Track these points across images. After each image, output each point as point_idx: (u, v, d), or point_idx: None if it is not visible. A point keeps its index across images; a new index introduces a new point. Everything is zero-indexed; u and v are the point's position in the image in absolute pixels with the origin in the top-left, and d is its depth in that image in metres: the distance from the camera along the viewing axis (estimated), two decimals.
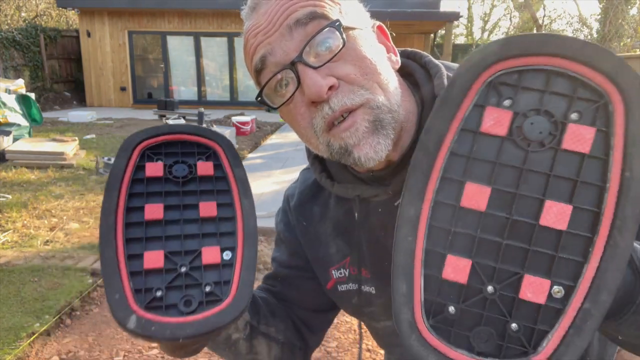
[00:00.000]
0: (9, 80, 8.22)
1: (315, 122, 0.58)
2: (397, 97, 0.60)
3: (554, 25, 22.91)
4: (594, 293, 0.41)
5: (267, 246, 3.82)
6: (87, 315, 2.88)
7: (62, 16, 18.98)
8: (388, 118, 0.58)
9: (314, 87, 0.54)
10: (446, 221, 0.45)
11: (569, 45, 0.42)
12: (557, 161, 0.43)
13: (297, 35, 0.55)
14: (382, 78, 0.58)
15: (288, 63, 0.55)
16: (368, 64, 0.57)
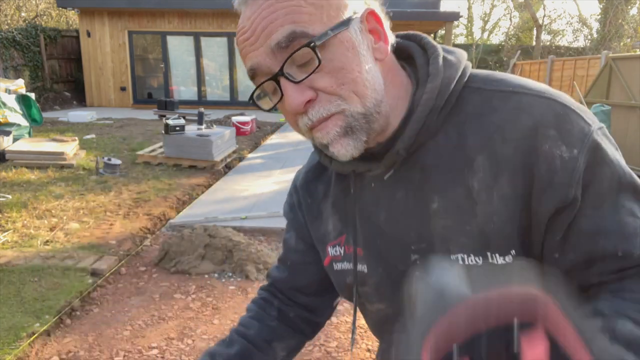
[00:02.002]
0: (9, 80, 8.22)
1: (300, 124, 0.65)
2: (377, 95, 0.63)
3: (554, 25, 22.91)
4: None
5: (267, 246, 3.83)
6: (87, 315, 2.88)
7: (62, 16, 18.98)
8: (361, 124, 0.63)
9: (292, 104, 0.60)
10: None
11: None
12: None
13: (279, 55, 0.60)
14: (358, 85, 0.61)
15: (272, 75, 0.61)
16: (345, 73, 0.60)
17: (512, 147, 0.61)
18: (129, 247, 3.80)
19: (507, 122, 0.62)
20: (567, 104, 0.63)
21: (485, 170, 0.63)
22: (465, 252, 0.65)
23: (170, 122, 6.32)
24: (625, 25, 17.98)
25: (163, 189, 5.32)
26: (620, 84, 7.15)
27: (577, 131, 0.60)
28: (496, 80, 0.67)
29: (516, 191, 0.61)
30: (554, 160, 0.60)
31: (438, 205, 0.66)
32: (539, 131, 0.60)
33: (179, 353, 2.52)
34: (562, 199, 0.60)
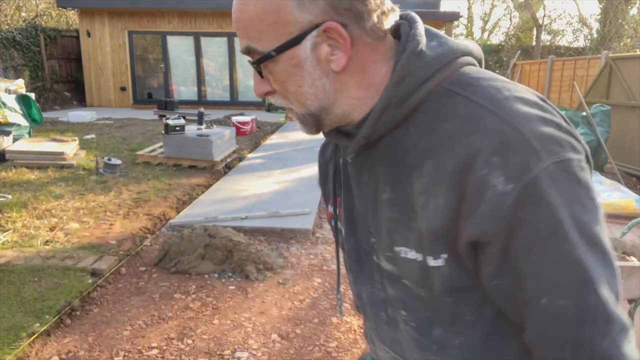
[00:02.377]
0: (9, 80, 8.23)
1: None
2: (322, 101, 0.69)
3: (554, 25, 22.91)
4: None
5: (267, 246, 3.83)
6: (87, 315, 2.88)
7: (62, 16, 18.98)
8: (309, 120, 0.71)
9: (255, 91, 0.73)
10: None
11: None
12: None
13: (246, 52, 0.70)
14: (299, 96, 0.69)
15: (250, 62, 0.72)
16: (287, 86, 0.69)
17: (454, 161, 0.60)
18: (129, 247, 3.80)
19: (459, 134, 0.60)
20: (523, 129, 0.58)
21: (429, 176, 0.63)
22: (408, 246, 0.67)
23: (170, 122, 6.32)
24: (625, 25, 17.97)
25: (163, 189, 5.32)
26: (620, 84, 7.14)
27: (522, 164, 0.56)
28: (475, 85, 0.64)
29: (448, 205, 0.61)
30: (487, 189, 0.57)
31: (389, 197, 0.69)
32: (483, 154, 0.58)
33: (179, 353, 2.52)
34: (482, 231, 0.59)
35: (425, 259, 0.65)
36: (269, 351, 2.55)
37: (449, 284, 0.66)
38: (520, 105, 0.60)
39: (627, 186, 5.96)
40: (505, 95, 0.62)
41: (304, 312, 2.95)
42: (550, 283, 0.57)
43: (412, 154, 0.65)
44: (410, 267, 0.68)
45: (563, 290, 0.57)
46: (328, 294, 3.18)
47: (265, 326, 2.79)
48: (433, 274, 0.66)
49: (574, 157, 0.59)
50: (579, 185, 0.58)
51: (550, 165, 0.57)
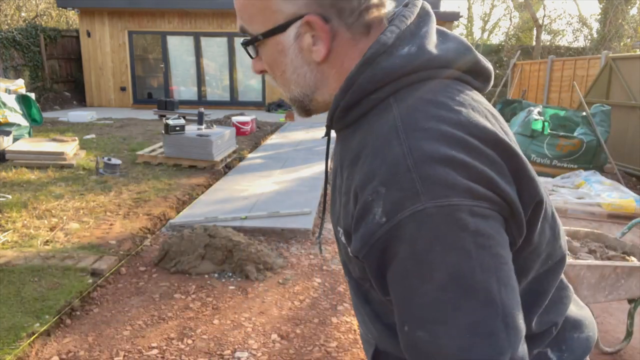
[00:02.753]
0: (9, 80, 8.22)
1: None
2: (304, 88, 0.73)
3: (554, 25, 22.90)
4: None
5: (267, 246, 3.83)
6: (87, 315, 2.88)
7: (62, 16, 18.97)
8: (294, 104, 0.77)
9: (253, 68, 0.77)
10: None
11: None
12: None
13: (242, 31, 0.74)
14: (281, 82, 0.75)
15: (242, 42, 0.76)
16: (273, 70, 0.74)
17: (358, 178, 0.64)
18: (129, 247, 3.80)
19: (371, 153, 0.63)
20: (416, 170, 0.57)
21: (344, 179, 0.70)
22: (344, 229, 0.70)
23: (170, 122, 6.32)
24: (625, 25, 17.97)
25: (163, 189, 5.32)
26: (620, 84, 7.14)
27: (399, 202, 0.57)
28: (410, 106, 0.63)
29: (347, 212, 0.67)
30: (369, 214, 0.60)
31: (339, 183, 0.74)
32: (375, 181, 0.59)
33: (179, 353, 2.52)
34: (355, 249, 0.63)
35: (342, 238, 0.72)
36: (269, 351, 2.55)
37: (360, 275, 0.72)
38: (431, 142, 0.58)
39: (627, 186, 5.96)
40: (425, 127, 0.60)
41: (304, 312, 2.95)
42: (410, 315, 0.58)
43: (346, 154, 0.70)
44: (342, 248, 0.75)
45: (420, 325, 0.57)
46: (328, 294, 3.18)
47: (265, 326, 2.79)
48: (344, 251, 0.74)
49: (466, 202, 0.56)
50: (464, 232, 0.55)
51: (429, 208, 0.55)
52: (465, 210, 0.56)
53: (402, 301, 0.59)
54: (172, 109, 11.36)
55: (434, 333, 0.56)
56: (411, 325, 0.58)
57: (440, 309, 0.55)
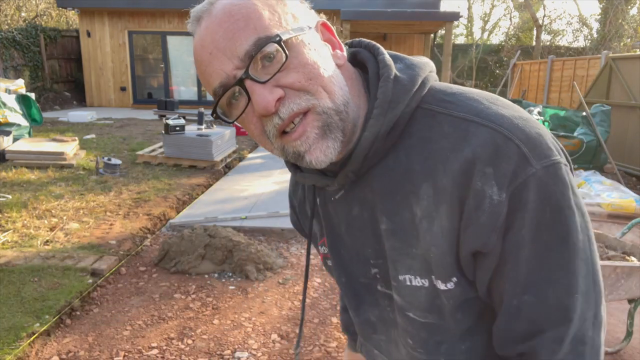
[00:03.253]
0: (9, 80, 8.22)
1: (268, 129, 0.61)
2: (345, 95, 0.63)
3: (554, 25, 22.90)
4: None
5: (267, 246, 3.83)
6: (87, 315, 2.88)
7: (62, 16, 18.98)
8: (336, 120, 0.61)
9: (262, 103, 0.58)
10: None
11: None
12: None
13: (244, 64, 0.59)
14: (325, 80, 0.60)
15: (236, 79, 0.59)
16: (310, 69, 0.60)
17: (451, 178, 0.60)
18: (129, 247, 3.80)
19: (451, 152, 0.60)
20: (512, 136, 0.58)
21: (429, 199, 0.62)
22: (412, 273, 0.66)
23: (170, 122, 6.32)
24: (625, 25, 17.97)
25: (163, 189, 5.32)
26: (620, 84, 7.14)
27: (512, 171, 0.56)
28: (451, 101, 0.63)
29: (452, 224, 0.61)
30: (484, 200, 0.57)
31: (386, 227, 0.66)
32: (476, 166, 0.58)
33: (179, 353, 2.52)
34: (483, 243, 0.59)
35: (434, 284, 0.65)
36: (269, 351, 2.55)
37: (459, 301, 0.65)
38: (504, 113, 0.60)
39: (627, 186, 5.96)
40: (486, 105, 0.61)
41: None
42: (531, 283, 0.58)
43: (407, 180, 0.64)
44: (416, 294, 0.67)
45: (542, 289, 0.58)
46: (328, 294, 3.18)
47: (265, 326, 2.79)
48: (443, 296, 0.65)
49: (562, 160, 0.58)
50: (568, 190, 0.57)
51: (539, 170, 0.56)
52: (563, 168, 0.58)
53: (515, 269, 0.59)
54: (172, 109, 11.36)
55: (542, 294, 0.58)
56: (521, 290, 0.59)
57: (551, 270, 0.57)
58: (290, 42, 0.59)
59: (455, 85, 0.68)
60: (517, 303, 0.59)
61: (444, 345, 0.71)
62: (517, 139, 0.58)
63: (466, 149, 0.59)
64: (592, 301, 0.59)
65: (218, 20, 0.59)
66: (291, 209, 0.93)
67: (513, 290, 0.60)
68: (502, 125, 0.59)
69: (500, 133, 0.58)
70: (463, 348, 0.70)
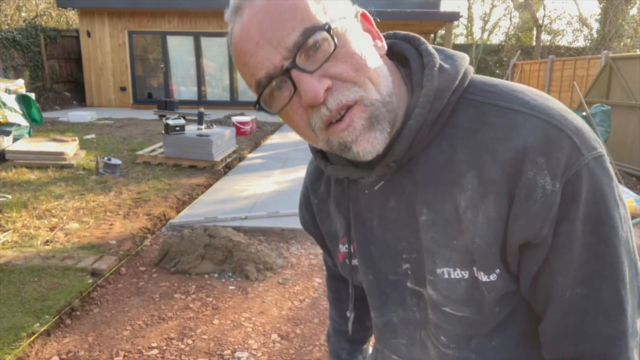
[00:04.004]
0: (9, 80, 8.22)
1: (313, 121, 0.60)
2: (389, 85, 0.62)
3: (554, 25, 22.90)
4: None
5: (267, 246, 3.83)
6: (87, 315, 2.88)
7: (62, 16, 18.98)
8: (383, 112, 0.60)
9: (311, 92, 0.57)
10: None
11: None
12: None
13: (290, 54, 0.58)
14: (372, 72, 0.60)
15: (283, 69, 0.58)
16: (358, 59, 0.59)
17: (500, 168, 0.59)
18: (129, 247, 3.80)
19: (498, 141, 0.59)
20: (563, 127, 0.58)
21: (473, 189, 0.61)
22: (452, 266, 0.65)
23: (170, 122, 6.32)
24: (625, 25, 17.97)
25: (163, 189, 5.32)
26: (620, 84, 7.14)
27: (565, 161, 0.56)
28: (494, 92, 0.63)
29: (500, 214, 0.60)
30: (536, 189, 0.57)
31: (427, 218, 0.65)
32: (528, 156, 0.57)
33: (179, 353, 2.52)
34: (534, 233, 0.58)
35: (475, 275, 0.64)
36: (269, 351, 2.55)
37: (500, 294, 0.65)
38: (551, 105, 0.60)
39: (627, 186, 5.96)
40: (532, 97, 0.61)
41: (304, 312, 2.95)
42: (584, 275, 0.58)
43: (450, 170, 0.63)
44: (454, 287, 0.66)
45: (596, 282, 0.58)
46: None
47: (265, 326, 2.79)
48: (484, 288, 0.64)
49: (605, 153, 0.59)
50: (613, 182, 0.58)
51: (590, 160, 0.57)
52: (607, 160, 0.59)
53: (568, 262, 0.59)
54: (172, 109, 11.37)
55: (596, 287, 0.58)
56: (573, 284, 0.59)
57: (604, 262, 0.57)
58: (336, 31, 0.58)
59: (494, 78, 0.68)
60: (569, 295, 0.59)
61: (475, 341, 0.70)
62: (568, 130, 0.58)
63: (515, 138, 0.58)
64: (637, 291, 0.60)
65: (264, 9, 0.58)
66: (304, 210, 0.90)
67: (564, 283, 0.59)
68: (552, 116, 0.59)
69: (551, 123, 0.58)
70: (493, 344, 0.70)
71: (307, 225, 0.91)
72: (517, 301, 0.67)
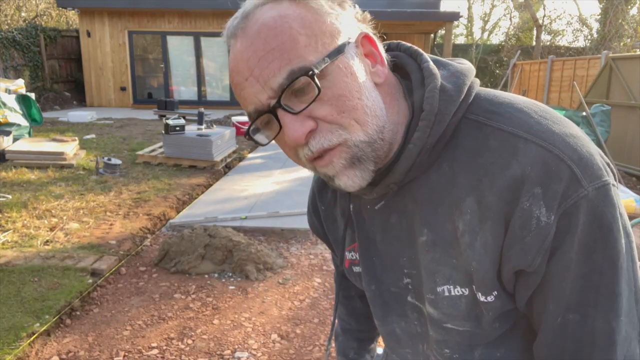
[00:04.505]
0: (9, 80, 8.22)
1: (300, 154, 0.62)
2: (380, 120, 0.61)
3: (554, 25, 22.91)
4: None
5: (267, 246, 3.83)
6: (87, 315, 2.88)
7: (62, 16, 18.98)
8: (367, 152, 0.60)
9: (292, 135, 0.58)
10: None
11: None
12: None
13: (278, 90, 0.58)
14: (359, 112, 0.59)
15: (269, 107, 0.59)
16: (344, 101, 0.58)
17: (497, 195, 0.58)
18: (129, 247, 3.80)
19: (498, 167, 0.58)
20: (564, 156, 0.56)
21: (472, 213, 0.61)
22: (452, 283, 0.65)
23: (170, 122, 6.32)
24: (625, 25, 17.97)
25: (163, 189, 5.32)
26: (620, 84, 7.14)
27: (562, 193, 0.55)
28: (498, 113, 0.61)
29: (496, 240, 0.60)
30: (531, 220, 0.56)
31: (427, 239, 0.66)
32: (525, 186, 0.56)
33: (179, 353, 2.52)
34: (527, 263, 0.58)
35: (475, 294, 0.64)
36: (269, 351, 2.55)
37: (498, 313, 0.65)
38: (555, 129, 0.58)
39: (627, 186, 5.97)
40: (536, 120, 0.60)
41: (304, 312, 2.95)
42: (577, 303, 0.58)
43: (450, 192, 0.62)
44: (455, 304, 0.66)
45: (588, 310, 0.58)
46: (328, 294, 3.18)
47: (265, 326, 2.79)
48: (483, 307, 0.64)
49: (611, 181, 0.57)
50: (617, 212, 0.56)
51: (591, 192, 0.55)
52: (612, 189, 0.57)
53: (559, 290, 0.58)
54: (172, 109, 11.37)
55: (588, 315, 0.57)
56: (565, 310, 0.58)
57: (599, 292, 0.56)
58: (325, 70, 0.57)
59: (501, 93, 0.65)
60: (561, 321, 0.59)
61: (478, 351, 0.70)
62: (569, 159, 0.56)
63: (514, 166, 0.57)
64: (636, 320, 0.59)
65: (253, 46, 0.58)
66: (312, 214, 0.90)
67: (557, 309, 0.59)
68: (554, 144, 0.57)
69: (551, 152, 0.56)
70: (498, 355, 0.70)
71: (316, 229, 0.92)
72: (518, 316, 0.67)
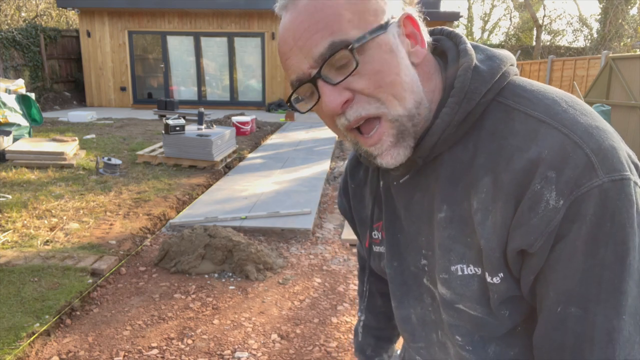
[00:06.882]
0: (9, 80, 8.22)
1: (338, 123, 0.65)
2: (417, 97, 0.64)
3: (554, 25, 22.91)
4: None
5: (267, 246, 3.83)
6: (87, 315, 2.88)
7: (62, 16, 18.98)
8: (408, 127, 0.64)
9: (329, 104, 0.62)
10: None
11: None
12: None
13: (320, 61, 0.61)
14: (397, 88, 0.62)
15: (310, 77, 0.63)
16: (382, 77, 0.61)
17: (512, 176, 0.59)
18: (129, 247, 3.80)
19: (517, 150, 0.59)
20: (583, 144, 0.56)
21: (487, 193, 0.62)
22: (465, 262, 0.66)
23: (170, 122, 6.32)
24: (625, 25, 17.97)
25: (163, 189, 5.32)
26: (620, 84, 7.14)
27: (575, 179, 0.55)
28: (527, 98, 0.63)
29: (505, 220, 0.60)
30: (540, 202, 0.57)
31: (445, 215, 0.67)
32: (539, 168, 0.57)
33: (179, 353, 2.52)
34: (529, 243, 0.58)
35: (484, 275, 0.65)
36: (269, 351, 2.55)
37: (504, 297, 0.65)
38: (581, 119, 0.59)
39: None
40: (564, 108, 0.60)
41: (304, 312, 2.95)
42: (579, 296, 0.57)
43: (471, 171, 0.64)
44: (468, 283, 0.66)
45: (589, 305, 0.57)
46: (328, 294, 3.18)
47: (265, 326, 2.79)
48: (490, 289, 0.65)
49: (633, 178, 0.56)
50: (633, 209, 0.55)
51: (606, 182, 0.54)
52: (632, 185, 0.55)
53: (562, 278, 0.58)
54: (172, 109, 11.37)
55: (589, 310, 0.57)
56: (566, 302, 0.58)
57: (602, 287, 0.56)
58: (365, 46, 0.60)
59: (537, 82, 0.66)
60: (561, 312, 0.58)
61: (492, 347, 0.70)
62: (587, 148, 0.56)
63: (532, 149, 0.58)
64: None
65: (300, 18, 0.61)
66: (342, 194, 0.94)
67: (557, 297, 0.58)
68: (575, 132, 0.57)
69: (571, 139, 0.57)
70: (512, 354, 0.70)
71: (345, 211, 0.95)
72: (530, 310, 0.66)
